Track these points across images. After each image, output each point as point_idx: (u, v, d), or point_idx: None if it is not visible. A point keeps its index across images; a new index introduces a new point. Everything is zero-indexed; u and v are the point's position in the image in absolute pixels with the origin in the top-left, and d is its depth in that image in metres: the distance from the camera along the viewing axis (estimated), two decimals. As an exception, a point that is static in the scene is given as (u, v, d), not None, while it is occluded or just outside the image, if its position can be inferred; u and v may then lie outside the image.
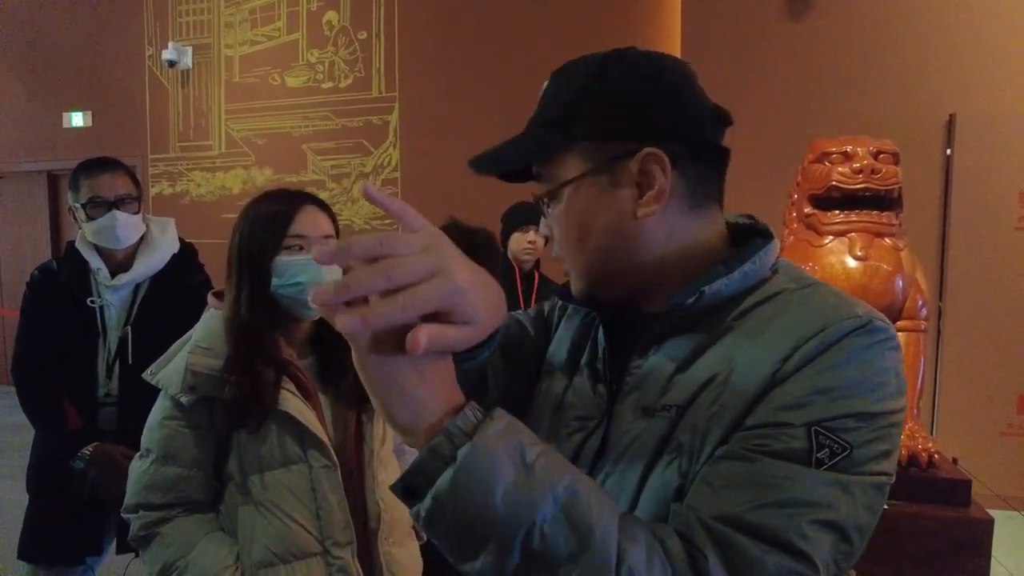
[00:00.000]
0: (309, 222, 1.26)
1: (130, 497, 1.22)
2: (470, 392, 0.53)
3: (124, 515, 1.23)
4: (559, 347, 0.83)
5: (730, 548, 0.52)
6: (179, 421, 1.21)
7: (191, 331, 1.30)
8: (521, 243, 2.79)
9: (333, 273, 1.19)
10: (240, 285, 1.24)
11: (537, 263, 2.92)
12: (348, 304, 0.43)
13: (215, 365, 1.20)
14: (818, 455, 0.54)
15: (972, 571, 1.81)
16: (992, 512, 1.88)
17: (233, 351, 1.20)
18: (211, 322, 1.27)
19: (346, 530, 1.24)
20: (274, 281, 1.23)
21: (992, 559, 1.84)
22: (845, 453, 0.54)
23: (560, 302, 0.89)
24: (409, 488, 0.50)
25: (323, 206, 1.32)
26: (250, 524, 1.20)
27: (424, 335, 0.44)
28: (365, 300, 0.43)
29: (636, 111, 0.66)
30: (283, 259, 1.23)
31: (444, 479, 0.48)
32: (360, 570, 1.25)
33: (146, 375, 1.25)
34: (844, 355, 0.57)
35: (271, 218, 1.25)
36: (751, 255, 0.66)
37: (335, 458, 1.24)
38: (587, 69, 0.68)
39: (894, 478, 0.58)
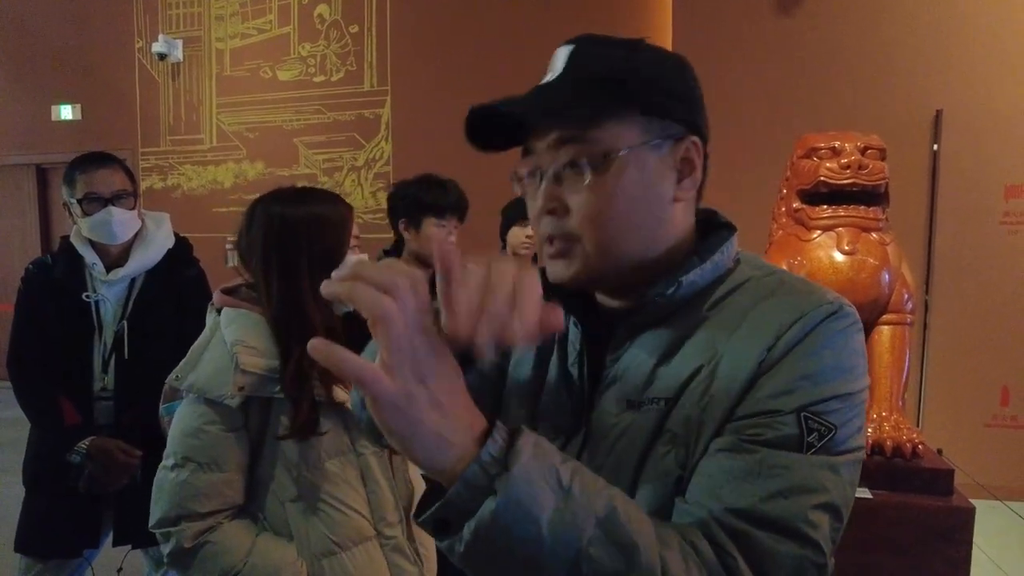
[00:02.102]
0: (355, 224, 1.31)
1: (168, 509, 1.16)
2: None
3: (158, 530, 1.17)
4: (523, 358, 0.80)
5: (748, 543, 0.54)
6: (219, 425, 1.17)
7: (208, 332, 1.26)
8: (519, 237, 2.79)
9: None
10: (298, 289, 1.21)
11: (535, 259, 2.94)
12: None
13: (266, 365, 1.17)
14: (808, 439, 0.57)
15: (954, 559, 1.84)
16: (975, 501, 1.92)
17: (288, 358, 1.18)
18: (242, 321, 1.23)
19: (395, 510, 1.29)
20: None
21: (974, 547, 1.88)
22: (831, 434, 0.58)
23: None
24: (442, 522, 0.49)
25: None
26: (303, 518, 1.20)
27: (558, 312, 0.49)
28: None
29: (684, 100, 0.68)
30: (354, 257, 1.26)
31: (484, 512, 0.46)
32: (411, 547, 1.30)
33: (171, 381, 1.21)
34: (822, 340, 0.60)
35: (340, 221, 1.27)
36: (719, 246, 0.69)
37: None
38: (619, 44, 0.68)
39: (864, 452, 0.63)
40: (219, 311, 1.28)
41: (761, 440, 0.58)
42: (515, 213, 2.87)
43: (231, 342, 1.19)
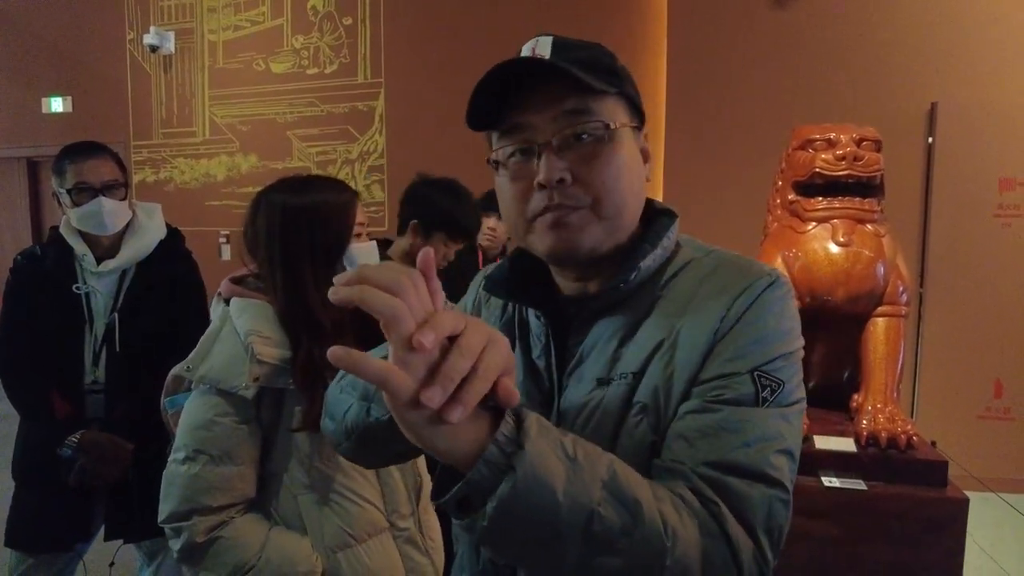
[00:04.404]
0: (360, 211, 1.28)
1: (179, 504, 1.14)
2: None
3: (168, 525, 1.15)
4: None
5: (725, 489, 0.61)
6: (232, 417, 1.15)
7: (217, 322, 1.24)
8: (482, 228, 2.78)
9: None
10: (301, 279, 1.19)
11: (504, 251, 2.88)
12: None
13: (280, 355, 1.16)
14: (763, 394, 0.65)
15: (948, 549, 1.85)
16: (969, 493, 1.93)
17: (297, 349, 1.16)
18: (253, 311, 1.21)
19: (408, 502, 1.29)
20: (348, 270, 1.24)
21: (967, 538, 1.88)
22: (780, 388, 0.66)
23: (470, 309, 0.91)
24: (464, 500, 0.52)
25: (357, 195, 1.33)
26: (316, 511, 1.19)
27: (511, 386, 0.51)
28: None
29: (639, 96, 0.77)
30: (357, 246, 1.24)
31: (505, 488, 0.50)
32: (423, 538, 1.30)
33: (180, 371, 1.19)
34: (766, 307, 0.68)
35: (342, 208, 1.24)
36: (665, 231, 0.75)
37: None
38: (586, 42, 0.73)
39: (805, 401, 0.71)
40: (227, 301, 1.26)
41: (723, 399, 0.65)
42: (486, 204, 2.86)
43: (245, 332, 1.17)
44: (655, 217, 0.78)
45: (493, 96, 0.70)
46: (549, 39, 0.71)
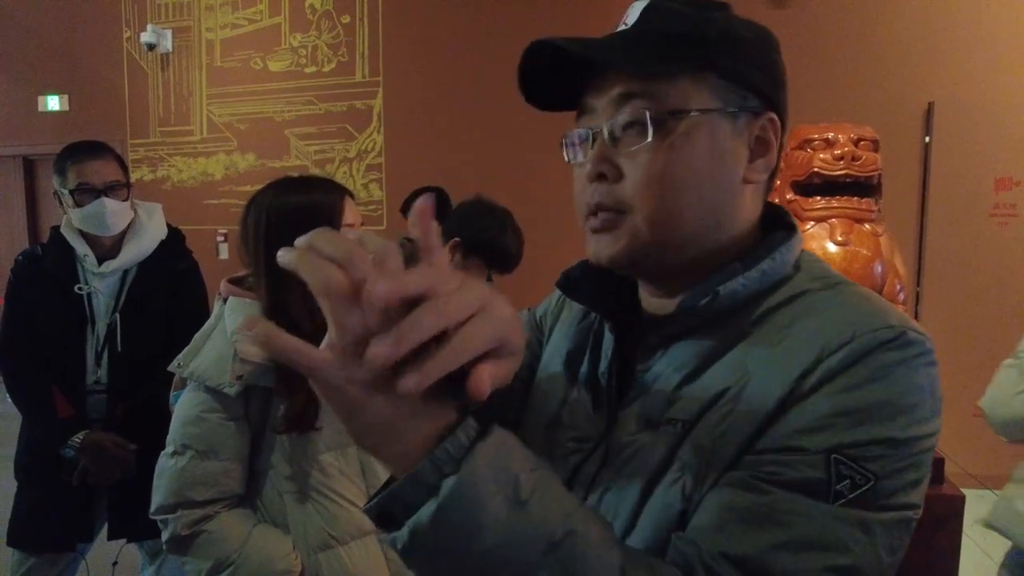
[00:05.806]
0: (350, 211, 1.28)
1: (166, 497, 1.17)
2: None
3: (158, 516, 1.17)
4: (553, 357, 0.74)
5: None
6: (219, 414, 1.17)
7: (212, 320, 1.26)
8: None
9: None
10: (284, 281, 1.18)
11: None
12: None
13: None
14: (837, 487, 0.48)
15: (944, 545, 1.87)
16: (965, 490, 1.94)
17: None
18: (244, 309, 1.23)
19: None
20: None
21: (963, 535, 1.90)
22: (869, 485, 0.48)
23: (553, 306, 0.80)
24: (385, 513, 0.44)
25: (350, 194, 1.33)
26: (300, 511, 1.20)
27: (488, 376, 0.39)
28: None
29: (767, 71, 0.60)
30: None
31: (424, 513, 0.41)
32: None
33: (174, 368, 1.22)
34: (873, 372, 0.51)
35: (328, 208, 1.24)
36: (770, 251, 0.59)
37: None
38: (702, 3, 0.60)
39: (921, 510, 0.52)
40: (225, 300, 1.29)
41: (778, 480, 0.49)
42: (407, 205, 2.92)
43: (232, 331, 1.19)
44: (772, 230, 0.62)
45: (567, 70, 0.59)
46: (643, 4, 0.60)
